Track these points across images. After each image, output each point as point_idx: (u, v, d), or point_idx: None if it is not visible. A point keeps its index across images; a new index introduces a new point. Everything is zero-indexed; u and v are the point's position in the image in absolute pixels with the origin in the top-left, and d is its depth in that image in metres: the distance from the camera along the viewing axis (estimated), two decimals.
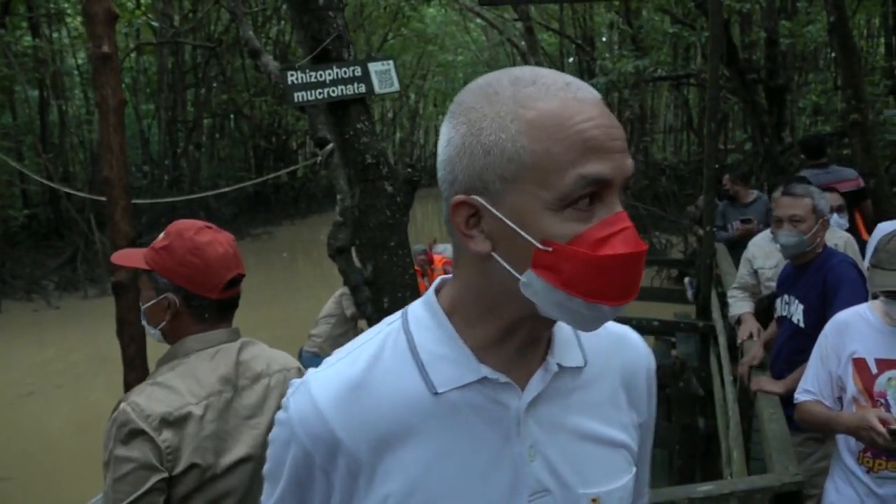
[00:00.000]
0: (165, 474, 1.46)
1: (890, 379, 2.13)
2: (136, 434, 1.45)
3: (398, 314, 0.92)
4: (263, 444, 1.55)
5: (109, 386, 8.15)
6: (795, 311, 3.00)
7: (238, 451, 1.58)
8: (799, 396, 2.37)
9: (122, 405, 1.50)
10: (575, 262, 0.75)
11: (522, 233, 0.76)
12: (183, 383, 1.54)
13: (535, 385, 0.87)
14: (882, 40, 17.42)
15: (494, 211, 0.77)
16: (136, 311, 2.93)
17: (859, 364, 2.18)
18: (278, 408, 1.66)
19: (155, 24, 17.91)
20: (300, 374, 1.74)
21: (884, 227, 2.78)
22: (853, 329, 2.22)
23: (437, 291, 0.91)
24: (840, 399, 2.27)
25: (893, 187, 8.77)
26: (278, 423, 0.88)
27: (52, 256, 16.03)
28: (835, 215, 3.47)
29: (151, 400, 1.50)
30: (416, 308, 0.91)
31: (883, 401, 2.13)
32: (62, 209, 16.85)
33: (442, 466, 0.83)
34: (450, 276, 0.90)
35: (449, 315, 0.87)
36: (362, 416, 0.84)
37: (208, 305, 1.63)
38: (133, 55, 18.71)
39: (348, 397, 0.84)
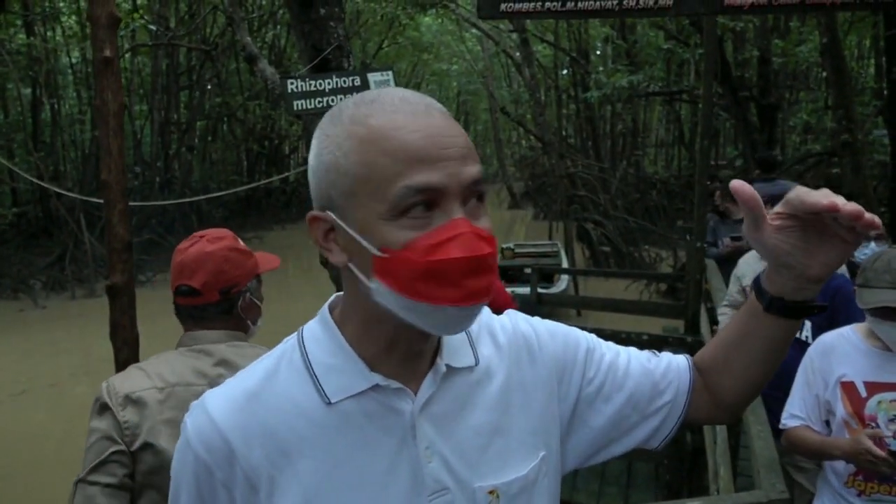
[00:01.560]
0: (123, 447, 1.57)
1: (880, 402, 2.12)
2: (104, 408, 1.61)
3: (290, 336, 0.95)
4: None
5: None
6: (803, 328, 3.03)
7: None
8: (787, 422, 2.31)
9: (104, 382, 1.67)
10: (408, 267, 0.78)
11: (363, 242, 0.80)
12: (156, 369, 1.68)
13: (426, 388, 0.89)
14: (872, 61, 17.64)
15: (341, 224, 0.82)
16: (130, 315, 2.95)
17: (848, 387, 2.16)
18: None
19: (151, 26, 17.89)
20: None
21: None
22: (839, 352, 2.21)
23: (332, 307, 0.95)
24: (828, 422, 2.25)
25: (881, 207, 8.87)
26: (177, 446, 0.89)
27: (40, 255, 15.93)
28: (872, 244, 3.46)
29: (124, 380, 1.66)
30: (311, 324, 0.94)
31: (874, 424, 2.12)
32: (52, 208, 16.79)
33: (339, 476, 0.85)
34: (342, 292, 0.93)
35: (341, 328, 0.90)
36: (257, 426, 0.85)
37: (176, 307, 1.78)
38: (128, 56, 18.66)
39: (242, 408, 0.86)
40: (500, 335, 1.01)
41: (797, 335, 3.04)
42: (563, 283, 10.91)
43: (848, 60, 13.22)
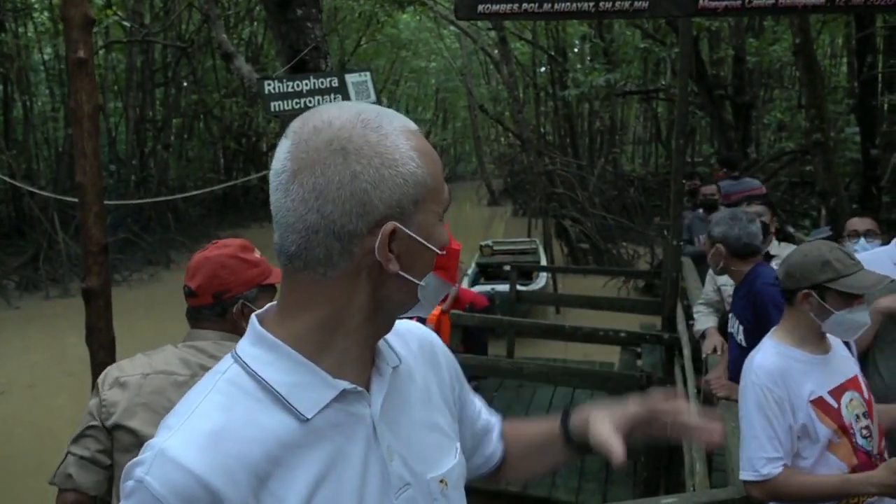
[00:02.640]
0: (98, 423, 1.71)
1: (846, 406, 2.09)
2: (96, 389, 1.77)
3: (222, 366, 0.90)
4: None
5: (74, 391, 8.02)
6: (738, 331, 3.07)
7: None
8: (766, 469, 2.04)
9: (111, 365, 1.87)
10: (453, 257, 0.94)
11: (427, 243, 0.89)
12: (149, 358, 1.81)
13: (377, 390, 0.93)
14: (844, 60, 17.90)
15: (406, 231, 0.87)
16: (106, 319, 2.93)
17: (820, 404, 2.07)
18: None
19: (126, 23, 17.66)
20: None
21: None
22: (791, 372, 2.08)
23: (263, 326, 0.91)
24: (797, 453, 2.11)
25: (853, 204, 9.02)
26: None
27: (13, 255, 15.66)
28: (862, 239, 3.52)
29: (120, 365, 1.82)
30: (246, 347, 0.90)
31: (852, 430, 2.08)
32: (25, 207, 16.52)
33: (321, 493, 0.85)
34: (266, 308, 0.96)
35: (292, 344, 0.88)
36: (235, 462, 0.80)
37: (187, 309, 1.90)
38: (102, 52, 18.42)
39: (214, 447, 0.80)
40: (408, 337, 1.09)
41: (734, 336, 3.08)
42: (541, 281, 10.96)
43: (821, 59, 13.42)
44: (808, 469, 2.08)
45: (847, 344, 2.32)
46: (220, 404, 0.84)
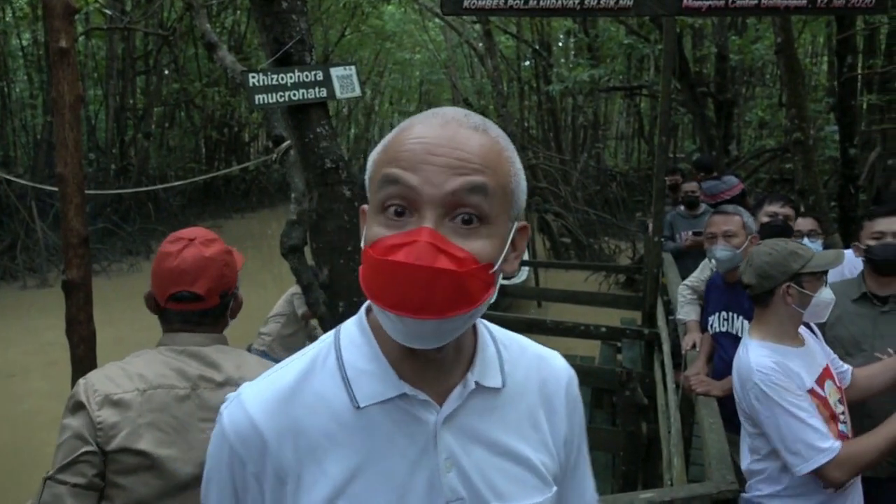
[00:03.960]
0: (94, 448, 1.55)
1: (829, 394, 2.18)
2: (78, 406, 1.59)
3: (332, 332, 0.98)
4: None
5: (54, 384, 7.94)
6: (740, 327, 3.10)
7: (184, 448, 1.61)
8: (828, 443, 2.01)
9: (81, 379, 1.64)
10: (368, 263, 0.81)
11: (362, 235, 0.87)
12: (137, 369, 1.65)
13: (452, 401, 0.92)
14: (825, 59, 18.08)
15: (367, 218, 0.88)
16: (87, 311, 2.90)
17: (815, 394, 2.13)
18: None
19: (107, 10, 17.40)
20: None
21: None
22: (788, 367, 2.13)
23: (368, 310, 0.96)
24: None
25: (831, 202, 9.13)
26: (213, 434, 0.94)
27: None
28: (805, 239, 3.53)
29: (104, 378, 1.63)
30: (348, 326, 0.97)
31: (837, 417, 2.16)
32: (2, 195, 16.27)
33: (364, 476, 0.88)
34: None
35: (375, 332, 0.93)
36: (289, 424, 0.89)
37: (161, 312, 1.75)
38: (82, 39, 18.15)
39: (277, 405, 0.90)
40: (540, 366, 1.04)
41: (734, 334, 3.09)
42: (523, 275, 11.00)
43: (802, 59, 13.53)
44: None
45: (815, 335, 2.40)
46: (300, 370, 0.93)
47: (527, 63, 23.83)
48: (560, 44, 23.88)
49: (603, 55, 15.42)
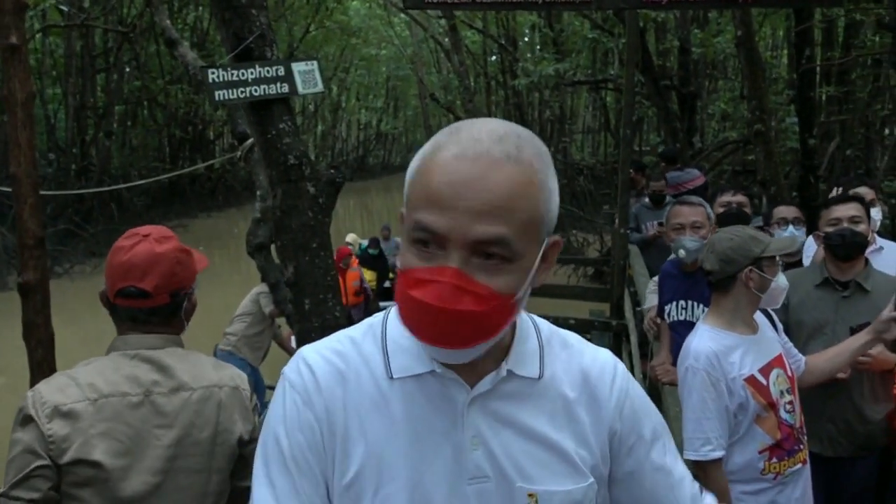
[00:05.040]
0: (47, 461, 1.49)
1: (774, 382, 2.22)
2: (28, 420, 1.52)
3: (388, 309, 1.05)
4: (164, 458, 1.57)
5: (12, 389, 7.75)
6: (700, 315, 3.14)
7: (139, 457, 1.56)
8: (703, 451, 2.14)
9: (29, 391, 1.58)
10: (400, 289, 0.89)
11: (399, 256, 0.93)
12: (87, 378, 1.58)
13: (483, 384, 0.97)
14: (785, 52, 18.41)
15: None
16: (44, 314, 2.83)
17: (752, 381, 2.18)
18: (191, 425, 1.61)
19: (63, 7, 17.01)
20: (236, 392, 1.69)
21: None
22: (727, 352, 2.19)
23: None
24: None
25: (793, 192, 9.30)
26: (276, 392, 1.02)
27: None
28: (790, 227, 3.57)
29: (53, 389, 1.56)
30: None
31: (779, 406, 2.21)
32: None
33: (397, 442, 0.95)
34: None
35: None
36: (340, 377, 0.98)
37: (112, 307, 1.69)
38: (38, 37, 17.74)
39: (331, 362, 0.99)
40: (582, 362, 1.05)
41: (693, 321, 3.13)
42: None
43: (762, 52, 13.77)
44: (737, 441, 2.20)
45: (773, 325, 2.45)
46: (354, 337, 1.03)
47: (493, 58, 23.89)
48: (526, 38, 23.97)
49: (568, 49, 15.53)
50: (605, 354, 1.10)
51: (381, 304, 8.73)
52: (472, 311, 0.83)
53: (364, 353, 1.00)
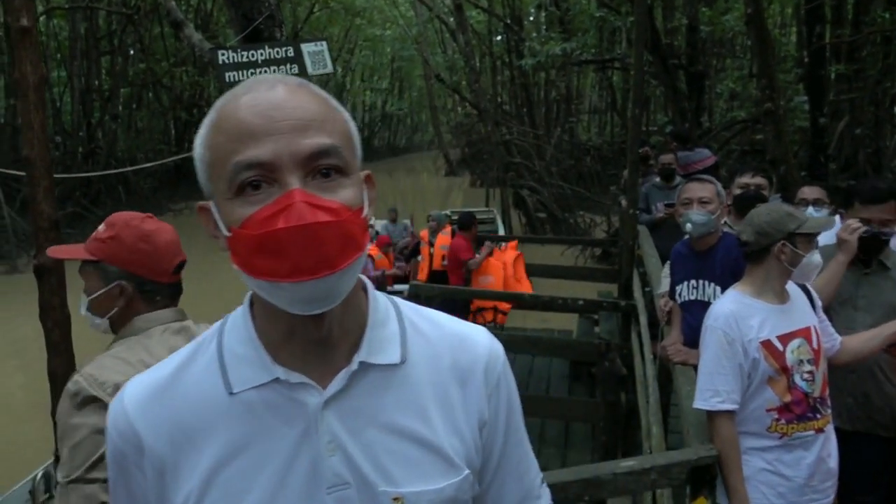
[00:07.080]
0: None
1: (792, 351, 2.34)
2: (88, 401, 1.50)
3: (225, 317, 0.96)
4: None
5: (29, 371, 7.82)
6: (712, 294, 3.15)
7: None
8: (711, 402, 2.31)
9: (75, 376, 1.54)
10: (244, 244, 0.78)
11: (221, 224, 0.82)
12: (134, 355, 1.59)
13: (336, 383, 0.88)
14: (794, 30, 18.21)
15: (214, 211, 0.84)
16: (60, 296, 2.86)
17: (767, 345, 2.32)
18: None
19: None
20: None
21: None
22: (747, 316, 2.34)
23: (249, 296, 0.93)
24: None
25: (802, 172, 9.25)
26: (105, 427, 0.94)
27: None
28: (811, 207, 3.61)
29: (104, 369, 1.55)
30: (237, 310, 0.94)
31: (793, 372, 2.32)
32: None
33: (238, 462, 0.86)
34: None
35: (254, 317, 0.91)
36: (165, 416, 0.88)
37: (160, 289, 1.70)
38: (43, 19, 17.67)
39: (152, 399, 0.89)
40: (452, 343, 0.97)
41: (706, 301, 3.16)
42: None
43: (771, 29, 13.62)
44: (748, 396, 2.33)
45: (812, 303, 2.54)
46: (183, 358, 0.92)
47: (499, 38, 23.71)
48: (531, 18, 23.76)
49: (574, 28, 15.40)
50: (480, 337, 1.00)
51: (396, 287, 8.74)
52: (333, 220, 0.77)
53: (194, 377, 0.89)
